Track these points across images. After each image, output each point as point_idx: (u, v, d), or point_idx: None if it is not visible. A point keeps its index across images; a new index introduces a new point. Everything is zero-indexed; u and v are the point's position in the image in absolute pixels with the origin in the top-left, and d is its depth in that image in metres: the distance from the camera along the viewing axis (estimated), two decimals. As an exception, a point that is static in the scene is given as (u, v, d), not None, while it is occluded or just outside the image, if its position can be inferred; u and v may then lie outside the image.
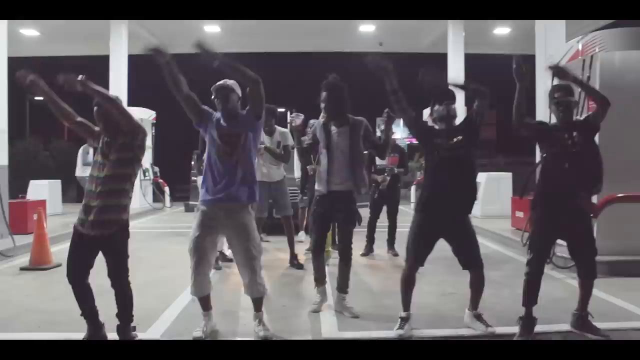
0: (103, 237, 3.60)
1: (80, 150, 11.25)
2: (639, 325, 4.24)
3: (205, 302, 4.06)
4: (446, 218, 3.99)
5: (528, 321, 3.90)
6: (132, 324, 3.77)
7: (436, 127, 4.07)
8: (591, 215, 4.02)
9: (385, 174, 7.21)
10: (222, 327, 4.17)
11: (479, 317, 4.10)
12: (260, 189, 6.29)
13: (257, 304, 4.07)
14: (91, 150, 10.33)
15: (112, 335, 3.76)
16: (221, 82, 4.05)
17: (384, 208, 7.53)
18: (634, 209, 6.16)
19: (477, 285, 4.12)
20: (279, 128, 6.64)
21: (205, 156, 4.03)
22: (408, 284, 4.12)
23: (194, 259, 3.93)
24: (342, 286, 4.66)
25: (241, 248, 3.94)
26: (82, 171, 10.69)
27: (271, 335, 3.96)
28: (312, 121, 8.10)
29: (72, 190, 18.09)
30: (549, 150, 3.97)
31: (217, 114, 4.05)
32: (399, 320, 4.05)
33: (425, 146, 4.11)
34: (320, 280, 4.74)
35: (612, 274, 5.65)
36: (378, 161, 7.31)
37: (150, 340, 3.91)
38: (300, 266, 6.49)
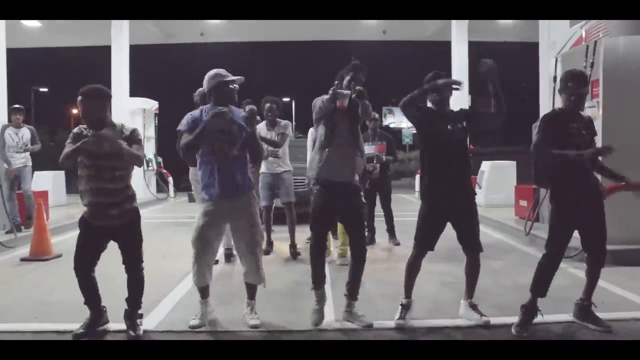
0: (120, 226, 3.73)
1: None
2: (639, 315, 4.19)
3: (204, 291, 4.05)
4: (451, 202, 3.94)
5: (530, 310, 3.85)
6: (139, 312, 3.85)
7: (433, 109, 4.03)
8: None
9: (375, 162, 7.10)
10: (219, 316, 4.13)
11: (474, 307, 4.05)
12: (264, 180, 6.61)
13: (252, 291, 4.08)
14: (9, 131, 8.12)
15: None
16: (224, 75, 3.93)
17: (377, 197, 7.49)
18: (638, 197, 6.08)
19: (472, 271, 4.06)
20: (281, 121, 6.65)
21: (199, 152, 3.94)
22: (412, 269, 4.09)
23: (197, 248, 3.93)
24: (353, 292, 4.09)
25: (244, 234, 3.95)
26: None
27: (261, 325, 3.95)
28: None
29: (75, 183, 18.13)
30: (565, 140, 3.85)
31: (208, 109, 3.91)
32: (400, 307, 4.02)
33: (422, 132, 4.06)
34: (319, 282, 4.11)
35: (614, 263, 5.57)
36: (366, 150, 7.19)
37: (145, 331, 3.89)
38: (296, 254, 6.51)
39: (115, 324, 3.88)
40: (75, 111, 45.83)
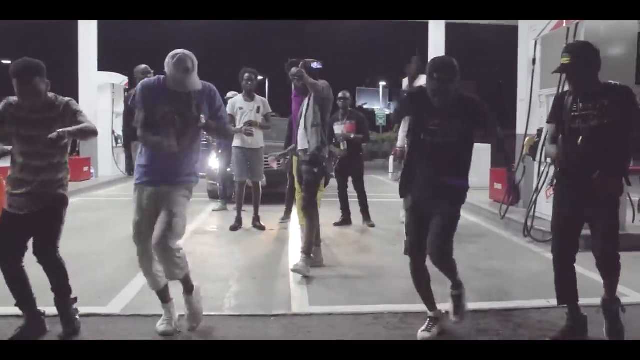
0: (34, 212, 3.28)
1: None
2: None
3: (163, 295, 3.58)
4: (428, 202, 3.37)
5: (573, 324, 3.34)
6: (72, 296, 3.44)
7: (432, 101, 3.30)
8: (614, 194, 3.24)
9: (341, 140, 7.00)
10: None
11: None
12: (240, 154, 6.86)
13: (183, 284, 3.60)
14: None
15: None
16: (180, 55, 3.34)
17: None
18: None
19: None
20: (257, 96, 6.87)
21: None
22: (417, 278, 3.47)
23: (140, 247, 3.47)
24: (304, 248, 4.86)
25: (161, 225, 3.38)
26: None
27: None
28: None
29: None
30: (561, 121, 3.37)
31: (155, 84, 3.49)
32: (427, 319, 3.51)
33: (412, 121, 3.56)
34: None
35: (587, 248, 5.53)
36: (336, 130, 7.08)
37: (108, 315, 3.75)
38: (262, 228, 6.85)
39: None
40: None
